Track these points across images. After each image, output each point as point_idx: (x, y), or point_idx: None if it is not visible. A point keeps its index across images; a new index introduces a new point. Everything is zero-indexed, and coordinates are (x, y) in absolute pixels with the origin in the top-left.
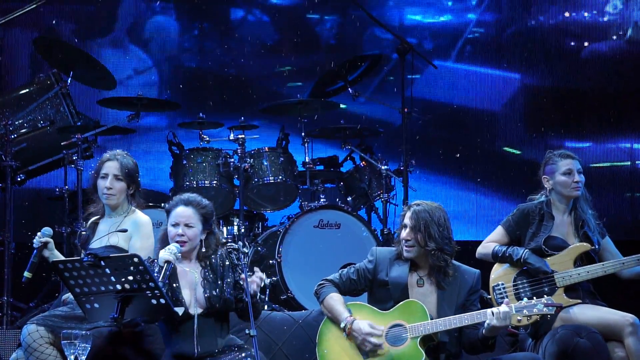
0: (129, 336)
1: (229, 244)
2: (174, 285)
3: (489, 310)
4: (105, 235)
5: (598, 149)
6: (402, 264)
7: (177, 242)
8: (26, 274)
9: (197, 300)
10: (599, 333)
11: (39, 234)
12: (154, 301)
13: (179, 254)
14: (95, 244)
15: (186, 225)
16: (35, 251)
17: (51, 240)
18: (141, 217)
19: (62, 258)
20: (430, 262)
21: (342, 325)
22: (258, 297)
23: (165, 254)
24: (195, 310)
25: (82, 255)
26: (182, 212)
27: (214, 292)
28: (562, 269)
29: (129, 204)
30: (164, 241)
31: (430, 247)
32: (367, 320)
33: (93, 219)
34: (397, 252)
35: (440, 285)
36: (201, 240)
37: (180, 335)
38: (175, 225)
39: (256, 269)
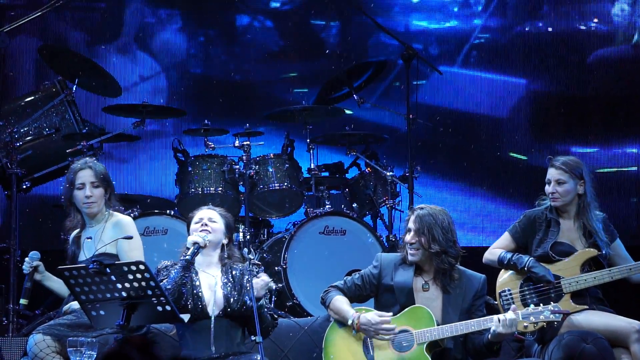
0: (136, 342)
1: (252, 260)
2: (196, 283)
3: (495, 317)
4: (105, 245)
5: (604, 154)
6: (407, 268)
7: (200, 231)
8: (22, 301)
9: (215, 302)
10: (605, 339)
11: (27, 259)
12: (159, 308)
13: (207, 241)
14: (86, 253)
15: (209, 219)
16: (27, 277)
17: (41, 263)
18: (123, 218)
19: (55, 278)
20: (435, 265)
21: (350, 322)
22: (264, 308)
23: (193, 237)
24: (213, 311)
25: (88, 262)
26: (206, 211)
27: (234, 295)
28: (569, 275)
29: (107, 209)
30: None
31: (434, 250)
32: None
33: (74, 233)
34: (402, 257)
35: (445, 289)
36: (223, 245)
37: (196, 336)
38: (199, 221)
39: (262, 273)
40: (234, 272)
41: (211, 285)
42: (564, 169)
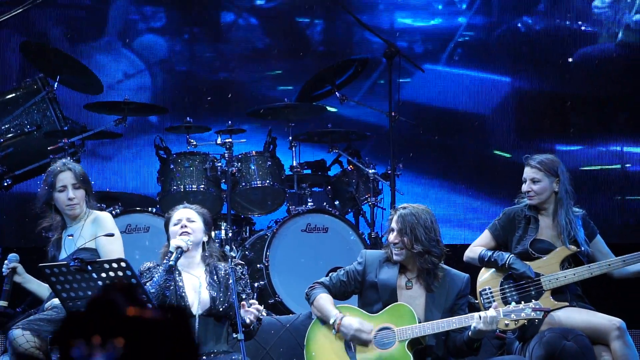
0: (122, 287)
1: (235, 259)
2: (179, 283)
3: (476, 314)
4: (86, 242)
5: (588, 152)
6: (391, 266)
7: (181, 234)
8: (1, 302)
9: (200, 302)
10: (586, 336)
11: (5, 261)
12: None
13: (190, 244)
14: (64, 252)
15: (188, 220)
16: (5, 279)
17: (19, 265)
18: (101, 214)
19: (35, 280)
20: (418, 264)
21: (332, 320)
22: (252, 326)
23: (177, 241)
24: (197, 311)
25: (69, 260)
26: (183, 211)
27: (220, 295)
28: (549, 272)
29: (87, 209)
30: (165, 254)
31: (417, 250)
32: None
33: (55, 237)
34: (386, 255)
35: (429, 288)
36: (203, 243)
37: None
38: (178, 222)
39: (253, 301)
40: (218, 273)
41: (195, 286)
42: (538, 167)
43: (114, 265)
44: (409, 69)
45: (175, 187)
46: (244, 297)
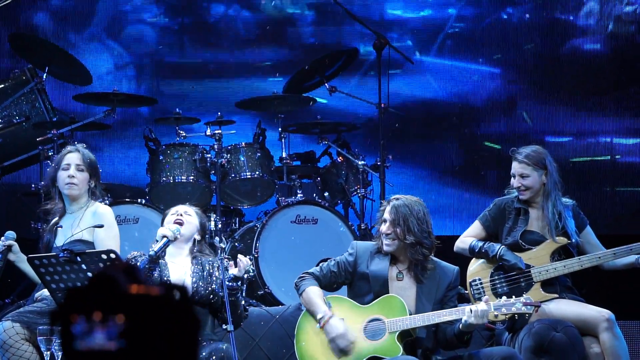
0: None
1: (224, 256)
2: (165, 272)
3: (467, 307)
4: (81, 231)
5: (578, 144)
6: (382, 257)
7: (175, 222)
8: None
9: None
10: (575, 327)
11: (2, 238)
12: None
13: (178, 235)
14: (60, 240)
15: (185, 212)
16: (0, 255)
17: (15, 243)
18: (101, 208)
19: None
20: (409, 256)
21: (319, 316)
22: (239, 293)
23: (163, 230)
24: None
25: (58, 251)
26: (181, 207)
27: (201, 283)
28: (539, 264)
29: (89, 198)
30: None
31: (409, 241)
32: (345, 315)
33: (52, 222)
34: (377, 246)
35: (419, 279)
36: (194, 240)
37: None
38: (174, 213)
39: (240, 255)
40: (204, 264)
41: (180, 274)
42: (526, 162)
43: (104, 256)
44: (399, 61)
45: (164, 179)
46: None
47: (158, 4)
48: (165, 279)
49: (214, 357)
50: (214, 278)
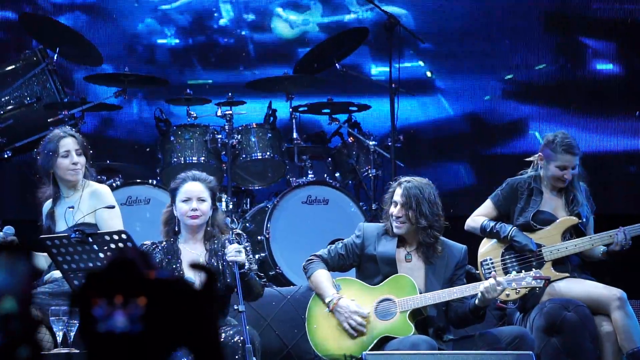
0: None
1: (234, 230)
2: (177, 265)
3: (480, 284)
4: (91, 213)
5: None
6: (390, 239)
7: (190, 217)
8: None
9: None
10: (587, 307)
11: (1, 234)
12: None
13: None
14: (61, 225)
15: (199, 199)
16: None
17: (15, 238)
18: (99, 187)
19: (32, 252)
20: (420, 238)
21: (328, 300)
22: (251, 272)
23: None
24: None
25: (70, 232)
26: (193, 187)
27: (219, 277)
28: (550, 243)
29: (83, 179)
30: (167, 222)
31: (421, 225)
32: (355, 297)
33: (47, 208)
34: (385, 228)
35: (428, 260)
36: (208, 220)
37: None
38: (187, 200)
39: (244, 242)
40: (216, 248)
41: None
42: (579, 154)
43: (115, 237)
44: (410, 82)
45: (175, 159)
46: (246, 267)
47: (168, 25)
48: (178, 273)
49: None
50: (227, 266)
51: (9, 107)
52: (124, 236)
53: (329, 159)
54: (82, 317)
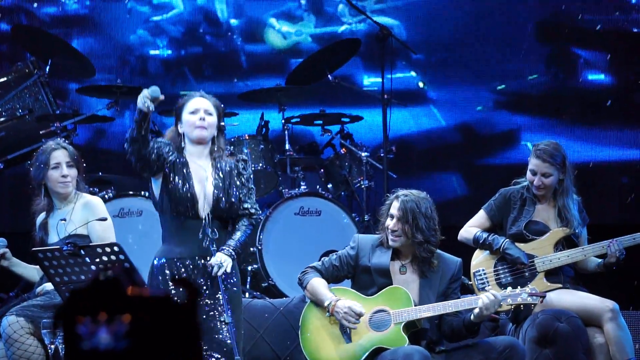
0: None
1: (238, 156)
2: (189, 181)
3: (477, 298)
4: (84, 225)
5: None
6: (384, 250)
7: (198, 127)
8: None
9: (206, 199)
10: (579, 318)
11: None
12: None
13: (147, 108)
14: (53, 237)
15: (206, 111)
16: None
17: (7, 250)
18: (91, 199)
19: (22, 263)
20: (416, 252)
21: (326, 303)
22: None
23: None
24: (204, 209)
25: (62, 244)
26: (201, 101)
27: (221, 193)
28: (543, 254)
29: (75, 191)
30: (173, 140)
31: (417, 239)
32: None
33: (40, 219)
34: (380, 240)
35: (423, 273)
36: (213, 137)
37: (185, 234)
38: (195, 112)
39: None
40: (223, 168)
41: (202, 179)
42: (550, 161)
43: (107, 249)
44: (402, 93)
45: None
46: (245, 192)
47: (161, 36)
48: (191, 192)
49: (216, 355)
50: (233, 187)
51: (1, 119)
52: (116, 248)
53: (322, 170)
54: (66, 334)
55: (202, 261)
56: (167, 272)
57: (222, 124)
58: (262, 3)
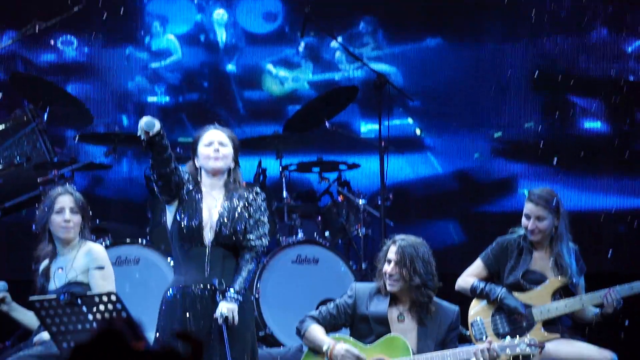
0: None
1: (253, 187)
2: (199, 210)
3: (473, 350)
4: (77, 275)
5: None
6: (382, 298)
7: (213, 158)
8: None
9: (211, 225)
10: None
11: None
12: None
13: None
14: (54, 283)
15: (220, 143)
16: None
17: (7, 294)
18: (95, 247)
19: (21, 308)
20: (414, 297)
21: (325, 348)
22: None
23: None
24: (208, 236)
25: (57, 293)
26: (215, 133)
27: (226, 220)
28: (540, 303)
29: (80, 239)
30: (192, 172)
31: (415, 283)
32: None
33: (43, 265)
34: (377, 287)
35: (421, 321)
36: (229, 169)
37: (190, 262)
38: (209, 144)
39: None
40: (233, 197)
41: (210, 207)
42: (543, 205)
43: (104, 298)
44: (399, 139)
45: (165, 219)
46: (252, 223)
47: (159, 83)
48: (198, 219)
49: None
50: (238, 217)
51: None
52: (113, 297)
53: (319, 217)
54: None
55: (207, 290)
56: (176, 301)
57: (238, 162)
58: (259, 49)
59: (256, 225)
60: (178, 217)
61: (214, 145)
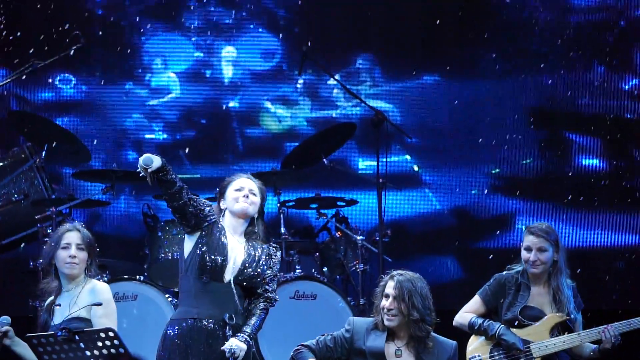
0: None
1: (271, 242)
2: (223, 244)
3: None
4: (79, 309)
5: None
6: (379, 334)
7: (242, 202)
8: None
9: (234, 266)
10: None
11: None
12: None
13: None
14: (57, 318)
15: (250, 191)
16: None
17: (11, 328)
18: (99, 285)
19: (23, 343)
20: (412, 332)
21: None
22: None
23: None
24: (229, 275)
25: (56, 330)
26: (247, 181)
27: (251, 261)
28: (538, 339)
29: (85, 276)
30: (217, 209)
31: (413, 317)
32: None
33: (48, 301)
34: (374, 322)
35: (419, 356)
36: (253, 218)
37: (205, 296)
38: (240, 189)
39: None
40: (257, 247)
41: (234, 247)
42: (544, 236)
43: (102, 334)
44: (396, 175)
45: (162, 255)
46: (270, 274)
47: (156, 120)
48: (224, 254)
49: None
50: (260, 268)
51: None
52: (111, 334)
53: (317, 253)
54: None
55: (218, 326)
56: (186, 334)
57: (263, 212)
58: (258, 87)
59: (274, 278)
60: (200, 249)
61: (245, 191)
